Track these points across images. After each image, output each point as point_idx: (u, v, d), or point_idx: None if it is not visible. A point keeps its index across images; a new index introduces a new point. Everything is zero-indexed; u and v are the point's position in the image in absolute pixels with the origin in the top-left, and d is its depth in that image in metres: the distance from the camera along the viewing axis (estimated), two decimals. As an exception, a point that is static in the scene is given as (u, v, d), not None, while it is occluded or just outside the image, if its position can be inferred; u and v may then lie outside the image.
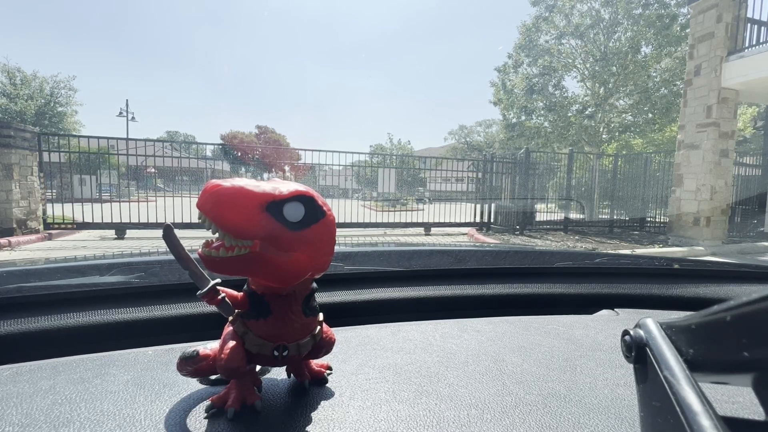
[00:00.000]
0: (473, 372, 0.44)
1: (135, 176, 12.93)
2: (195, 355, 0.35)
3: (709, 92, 7.11)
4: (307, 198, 0.32)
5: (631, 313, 0.68)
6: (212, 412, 0.34)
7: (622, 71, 13.04)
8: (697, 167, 7.26)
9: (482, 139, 38.21)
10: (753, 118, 14.19)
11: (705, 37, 7.20)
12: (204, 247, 0.31)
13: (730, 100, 7.07)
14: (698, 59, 7.32)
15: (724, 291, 0.77)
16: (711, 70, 7.07)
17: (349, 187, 16.40)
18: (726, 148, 7.12)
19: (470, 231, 8.84)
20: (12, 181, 6.40)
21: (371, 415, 0.35)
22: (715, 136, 7.02)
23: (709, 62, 7.10)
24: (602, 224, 9.55)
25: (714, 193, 7.10)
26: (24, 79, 24.20)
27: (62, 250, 6.04)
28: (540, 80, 14.56)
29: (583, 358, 0.48)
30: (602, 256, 1.00)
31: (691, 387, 0.20)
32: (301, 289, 0.36)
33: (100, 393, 0.38)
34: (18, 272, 0.71)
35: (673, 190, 7.79)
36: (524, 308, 0.74)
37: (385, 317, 0.64)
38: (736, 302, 0.20)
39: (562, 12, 13.83)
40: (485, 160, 9.87)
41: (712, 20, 7.08)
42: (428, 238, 8.22)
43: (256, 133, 37.74)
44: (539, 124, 15.22)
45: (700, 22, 7.33)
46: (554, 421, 0.35)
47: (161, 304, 0.58)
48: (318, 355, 0.40)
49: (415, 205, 13.27)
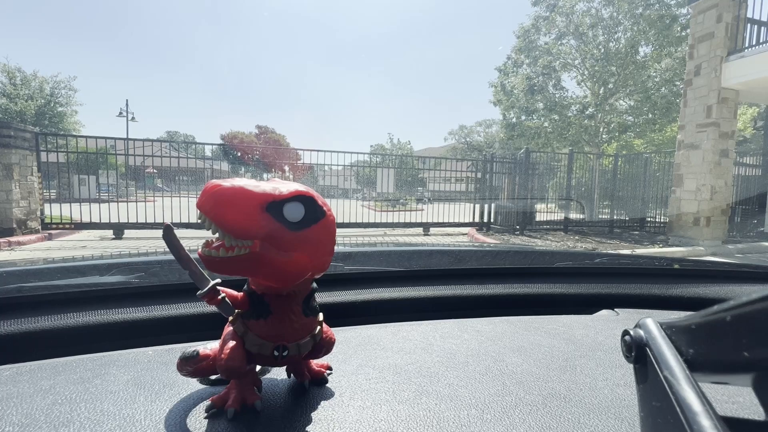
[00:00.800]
0: (473, 372, 0.44)
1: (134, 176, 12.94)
2: (195, 355, 0.35)
3: (709, 92, 7.09)
4: (307, 198, 0.32)
5: (631, 313, 0.68)
6: (212, 412, 0.34)
7: (621, 71, 13.04)
8: (697, 167, 7.25)
9: (482, 139, 38.16)
10: (753, 118, 14.20)
11: (705, 37, 7.19)
12: (204, 247, 0.31)
13: (730, 100, 7.05)
14: (698, 59, 7.31)
15: (724, 291, 0.77)
16: (711, 70, 7.06)
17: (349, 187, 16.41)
18: (726, 148, 7.11)
19: (470, 231, 8.85)
20: (12, 181, 6.41)
21: (371, 415, 0.35)
22: (715, 136, 7.00)
23: (709, 62, 7.09)
24: (602, 224, 9.55)
25: (714, 193, 7.09)
26: (24, 79, 24.20)
27: (62, 250, 6.04)
28: (540, 80, 14.56)
29: (583, 358, 0.48)
30: (602, 256, 1.00)
31: (691, 387, 0.20)
32: (301, 289, 0.36)
33: (100, 393, 0.38)
34: (18, 272, 0.71)
35: (673, 190, 7.79)
36: (524, 308, 0.74)
37: (385, 317, 0.64)
38: (736, 302, 0.20)
39: (563, 12, 13.82)
40: (485, 160, 9.89)
41: (712, 20, 7.08)
42: (428, 238, 8.22)
43: (256, 133, 37.77)
44: (539, 124, 15.22)
45: (700, 22, 7.31)
46: (554, 421, 0.35)
47: (161, 304, 0.58)
48: (318, 355, 0.40)
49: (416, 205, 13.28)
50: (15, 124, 6.71)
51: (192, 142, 31.86)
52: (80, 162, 8.35)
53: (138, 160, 8.90)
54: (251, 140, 34.53)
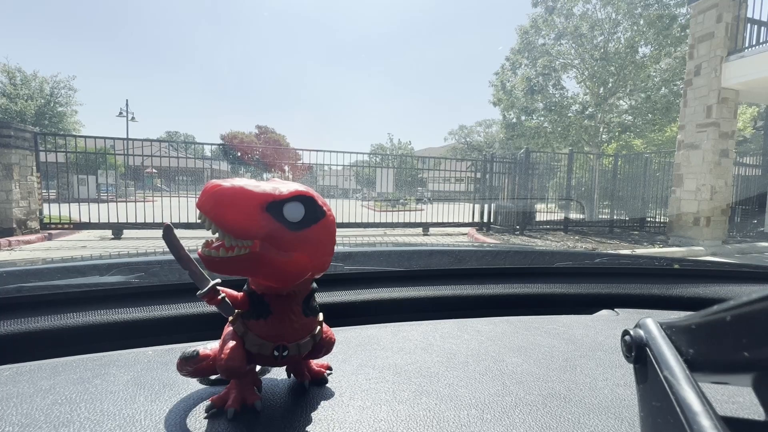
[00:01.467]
0: (473, 372, 0.44)
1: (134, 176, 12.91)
2: (195, 355, 0.35)
3: (709, 92, 7.08)
4: (307, 198, 0.32)
5: (631, 313, 0.68)
6: (212, 412, 0.34)
7: (620, 71, 13.02)
8: (697, 167, 7.25)
9: (482, 139, 38.16)
10: (753, 118, 14.20)
11: (705, 37, 7.18)
12: (204, 247, 0.31)
13: (730, 100, 7.04)
14: (698, 59, 7.29)
15: (724, 291, 0.77)
16: (711, 70, 7.05)
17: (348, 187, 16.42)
18: (726, 148, 7.11)
19: (470, 231, 8.84)
20: (12, 181, 6.40)
21: (371, 415, 0.35)
22: (715, 136, 7.00)
23: (709, 62, 7.08)
24: (602, 224, 9.54)
25: (714, 193, 7.08)
26: (24, 79, 24.14)
27: (61, 250, 6.04)
28: (540, 80, 14.55)
29: (583, 358, 0.48)
30: (602, 256, 1.00)
31: (691, 387, 0.20)
32: (301, 289, 0.36)
33: (100, 393, 0.38)
34: (18, 272, 0.71)
35: (673, 190, 7.78)
36: (524, 308, 0.74)
37: (385, 317, 0.64)
38: (736, 302, 0.20)
39: (563, 12, 13.81)
40: (485, 160, 9.87)
41: (712, 20, 7.07)
42: (428, 238, 8.21)
43: (255, 133, 37.73)
44: (539, 124, 15.21)
45: (700, 22, 7.30)
46: (554, 421, 0.35)
47: (161, 304, 0.58)
48: (318, 355, 0.40)
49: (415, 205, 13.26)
50: (15, 124, 6.69)
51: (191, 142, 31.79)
52: (80, 162, 8.35)
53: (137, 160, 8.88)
54: (251, 140, 34.49)
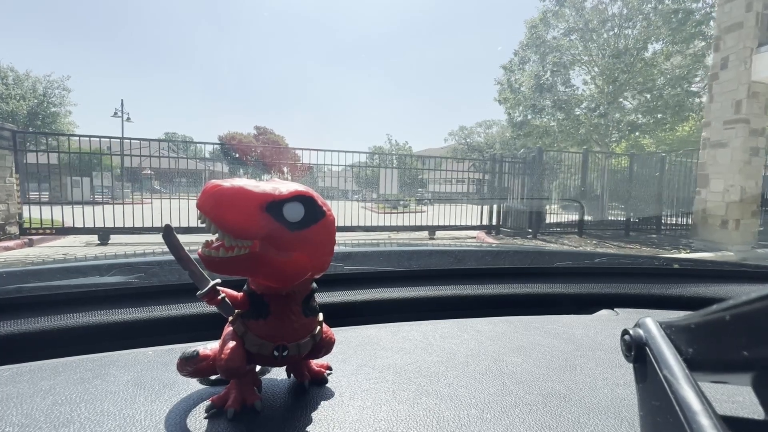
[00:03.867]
0: (473, 372, 0.44)
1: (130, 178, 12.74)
2: (195, 355, 0.35)
3: (738, 86, 6.41)
4: (307, 198, 0.32)
5: (631, 312, 0.68)
6: (212, 412, 0.34)
7: (630, 68, 12.74)
8: (724, 167, 6.62)
9: (482, 140, 38.17)
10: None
11: (733, 27, 6.48)
12: (204, 247, 0.31)
13: (761, 95, 6.40)
14: (725, 51, 6.60)
15: (724, 291, 0.77)
16: (740, 63, 6.36)
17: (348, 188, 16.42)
18: (756, 146, 6.48)
19: (479, 234, 8.35)
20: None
21: (371, 415, 0.35)
22: (744, 133, 6.37)
23: (738, 54, 6.39)
24: (619, 227, 8.98)
25: (744, 194, 6.44)
26: (16, 78, 23.84)
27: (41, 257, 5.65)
28: (549, 77, 14.30)
29: (583, 358, 0.48)
30: (602, 256, 1.00)
31: (690, 386, 0.20)
32: (301, 289, 0.36)
33: (100, 393, 0.38)
34: (18, 272, 0.71)
35: (697, 191, 7.12)
36: (524, 308, 0.74)
37: (385, 317, 0.64)
38: (735, 302, 0.20)
39: (573, 6, 13.53)
40: (494, 160, 9.30)
41: (741, 9, 6.38)
42: (431, 240, 7.95)
43: (254, 134, 37.72)
44: (547, 123, 14.96)
45: (727, 12, 6.59)
46: (554, 421, 0.35)
47: (161, 304, 0.58)
48: (318, 355, 0.40)
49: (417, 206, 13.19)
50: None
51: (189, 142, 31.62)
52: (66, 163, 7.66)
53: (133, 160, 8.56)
54: (250, 141, 34.44)
